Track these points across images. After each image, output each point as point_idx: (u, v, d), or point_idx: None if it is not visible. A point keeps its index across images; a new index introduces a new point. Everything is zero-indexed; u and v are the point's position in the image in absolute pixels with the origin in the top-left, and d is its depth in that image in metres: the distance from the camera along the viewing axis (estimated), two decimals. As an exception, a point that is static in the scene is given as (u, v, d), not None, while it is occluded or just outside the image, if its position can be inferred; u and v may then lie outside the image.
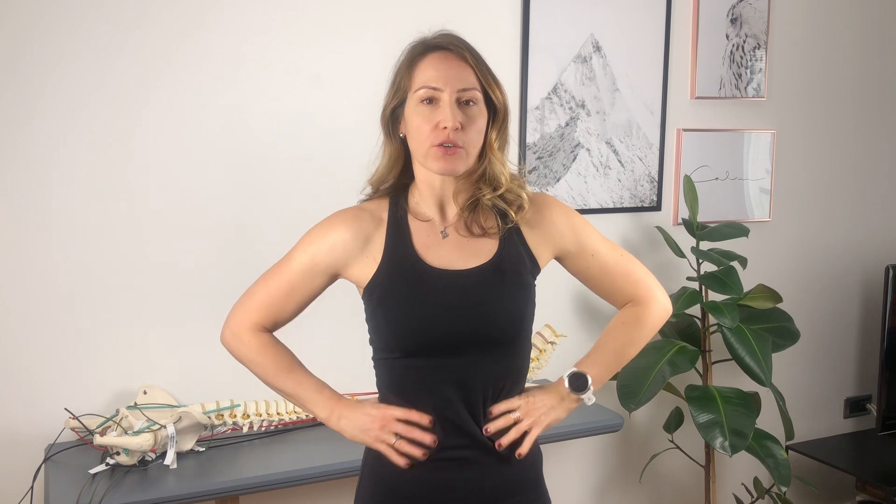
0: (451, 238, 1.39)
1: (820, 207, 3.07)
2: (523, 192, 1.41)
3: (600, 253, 1.46)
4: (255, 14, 2.15)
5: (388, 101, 1.40)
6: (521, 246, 1.41)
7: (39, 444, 2.01)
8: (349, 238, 1.39)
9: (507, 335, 1.37)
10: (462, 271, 1.36)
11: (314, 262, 1.40)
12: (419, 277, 1.36)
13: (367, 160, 1.51)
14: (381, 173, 1.43)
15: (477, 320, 1.33)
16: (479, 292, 1.35)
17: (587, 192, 2.61)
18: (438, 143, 1.31)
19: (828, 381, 3.18)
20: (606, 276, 1.47)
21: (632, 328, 1.49)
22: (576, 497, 2.76)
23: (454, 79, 1.33)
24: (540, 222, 1.42)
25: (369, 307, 1.40)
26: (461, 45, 1.37)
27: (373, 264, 1.38)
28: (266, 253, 2.19)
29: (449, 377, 1.34)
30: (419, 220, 1.40)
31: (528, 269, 1.40)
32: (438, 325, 1.33)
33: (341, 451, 1.98)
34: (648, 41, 2.65)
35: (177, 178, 2.11)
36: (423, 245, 1.38)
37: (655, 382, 2.31)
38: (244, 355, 1.46)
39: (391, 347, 1.37)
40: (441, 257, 1.37)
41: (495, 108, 1.38)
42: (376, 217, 1.41)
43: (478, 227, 1.39)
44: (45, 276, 2.01)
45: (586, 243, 1.45)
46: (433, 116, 1.32)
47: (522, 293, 1.38)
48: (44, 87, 1.97)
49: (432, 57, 1.35)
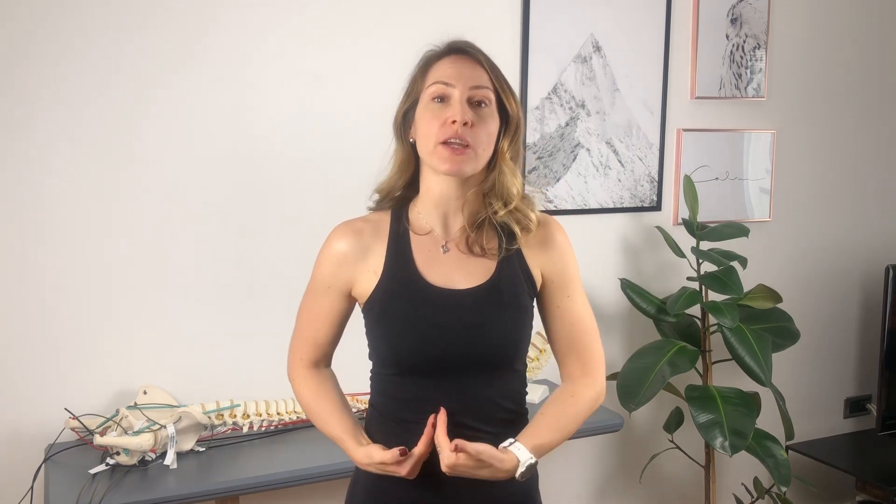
0: (452, 254, 1.38)
1: (820, 207, 3.07)
2: (532, 213, 1.39)
3: (575, 300, 1.43)
4: (256, 15, 2.15)
5: (400, 106, 1.40)
6: (519, 266, 1.39)
7: (39, 444, 2.01)
8: (348, 251, 1.38)
9: (501, 358, 1.36)
10: (461, 291, 1.35)
11: (329, 284, 1.40)
12: (418, 295, 1.35)
13: (367, 160, 1.51)
14: (391, 179, 1.42)
15: (472, 342, 1.33)
16: (477, 313, 1.34)
17: (587, 192, 2.61)
18: (446, 138, 1.29)
19: (828, 381, 3.18)
20: (571, 326, 1.42)
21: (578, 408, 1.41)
22: (576, 497, 2.76)
23: (467, 76, 1.32)
24: (540, 238, 1.41)
25: (368, 322, 1.39)
26: (477, 50, 1.37)
27: (373, 278, 1.37)
28: (266, 253, 2.22)
29: (443, 397, 1.33)
30: (420, 234, 1.39)
31: (526, 290, 1.39)
32: (435, 344, 1.32)
33: (341, 451, 1.97)
34: (648, 41, 2.65)
35: (177, 179, 2.11)
36: (423, 261, 1.37)
37: (655, 382, 2.31)
38: (300, 401, 1.49)
39: (388, 364, 1.37)
40: (441, 274, 1.36)
41: (507, 118, 1.36)
42: (377, 230, 1.40)
43: (479, 248, 1.37)
44: (46, 276, 2.01)
45: (569, 282, 1.42)
46: (443, 113, 1.31)
47: (519, 316, 1.37)
48: (45, 88, 1.97)
49: (447, 58, 1.36)
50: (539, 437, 1.35)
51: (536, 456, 1.33)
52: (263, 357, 2.12)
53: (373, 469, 1.34)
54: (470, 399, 1.34)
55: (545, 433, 1.36)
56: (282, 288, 2.13)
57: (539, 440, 1.34)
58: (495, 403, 1.37)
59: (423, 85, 1.35)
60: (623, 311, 2.71)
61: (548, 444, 1.36)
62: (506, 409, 1.39)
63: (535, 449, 1.33)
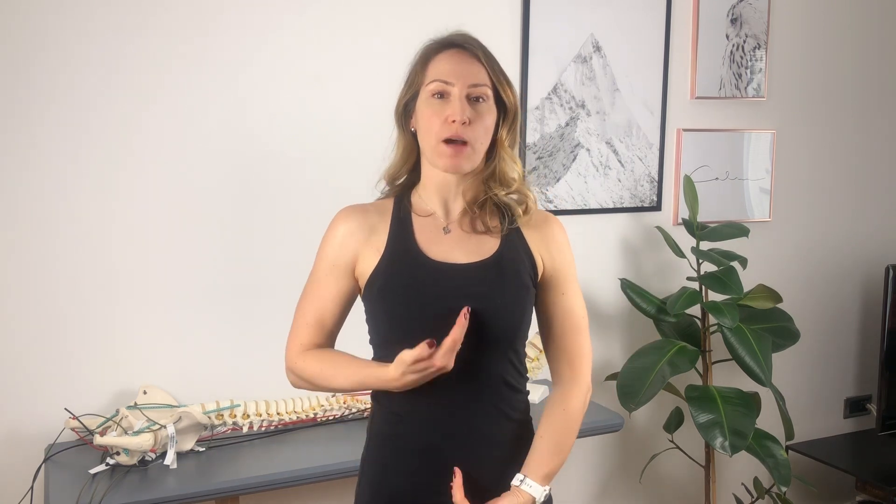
0: (454, 234, 1.41)
1: (820, 207, 3.07)
2: (530, 192, 1.44)
3: (570, 297, 1.45)
4: (256, 15, 2.15)
5: (401, 96, 1.43)
6: (522, 247, 1.42)
7: (39, 444, 2.01)
8: (355, 228, 1.41)
9: (503, 332, 1.37)
10: (463, 265, 1.38)
11: (335, 264, 1.41)
12: (420, 270, 1.37)
13: (367, 160, 1.51)
14: (395, 166, 1.46)
15: (476, 315, 1.33)
16: (479, 287, 1.36)
17: (587, 192, 2.61)
18: (446, 136, 1.33)
19: (828, 381, 3.18)
20: (563, 324, 1.45)
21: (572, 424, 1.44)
22: (576, 497, 2.76)
23: (466, 74, 1.36)
24: (542, 229, 1.45)
25: (369, 301, 1.40)
26: (475, 45, 1.40)
27: (376, 255, 1.39)
28: (267, 253, 2.22)
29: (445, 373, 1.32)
30: (421, 216, 1.43)
31: (528, 269, 1.41)
32: (438, 317, 1.32)
33: (341, 451, 1.98)
34: (648, 41, 2.65)
35: (177, 179, 2.11)
36: (425, 239, 1.40)
37: (655, 382, 2.31)
38: (305, 384, 1.43)
39: (390, 341, 1.37)
40: (442, 251, 1.39)
41: (505, 108, 1.40)
42: (381, 212, 1.44)
43: (482, 225, 1.41)
44: (46, 276, 2.01)
45: (565, 279, 1.45)
46: (443, 110, 1.35)
47: (521, 292, 1.39)
48: (45, 89, 1.97)
49: (446, 53, 1.39)
50: (545, 466, 1.39)
51: (547, 485, 1.38)
52: (263, 357, 2.12)
53: (411, 378, 1.29)
54: (472, 374, 1.35)
55: (549, 459, 1.39)
56: (282, 288, 2.12)
57: (545, 468, 1.38)
58: (498, 379, 1.38)
59: (424, 79, 1.38)
60: (623, 311, 2.71)
61: (554, 470, 1.40)
62: (508, 386, 1.40)
63: (545, 479, 1.38)
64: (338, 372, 1.39)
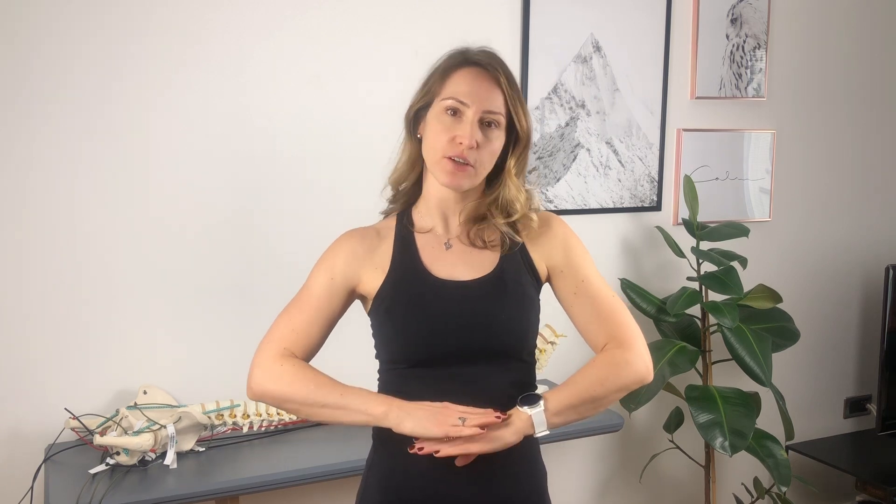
0: (455, 249, 1.42)
1: (820, 207, 3.07)
2: (534, 215, 1.43)
3: (591, 281, 1.43)
4: (256, 15, 2.15)
5: (414, 101, 1.42)
6: (522, 259, 1.42)
7: (39, 444, 2.01)
8: (358, 249, 1.41)
9: (508, 347, 1.37)
10: (466, 282, 1.38)
11: (332, 281, 1.40)
12: (426, 288, 1.38)
13: (367, 160, 1.52)
14: (400, 172, 1.45)
15: (481, 331, 1.35)
16: (483, 303, 1.36)
17: (587, 192, 2.61)
18: (452, 155, 1.33)
19: (828, 381, 3.18)
20: (592, 307, 1.41)
21: (604, 368, 1.37)
22: (576, 497, 2.76)
23: (483, 99, 1.35)
24: (541, 234, 1.44)
25: (376, 319, 1.41)
26: (498, 68, 1.38)
27: (380, 275, 1.39)
28: (267, 253, 2.22)
29: (454, 388, 1.34)
30: (422, 232, 1.43)
31: (530, 281, 1.42)
32: (444, 334, 1.34)
33: (341, 451, 1.98)
34: (648, 41, 2.65)
35: (177, 180, 2.11)
36: (429, 257, 1.40)
37: (655, 382, 2.31)
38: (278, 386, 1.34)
39: (397, 359, 1.38)
40: (446, 268, 1.40)
41: (517, 134, 1.40)
42: (382, 233, 1.44)
43: (480, 241, 1.41)
44: (46, 276, 2.01)
45: (578, 266, 1.43)
46: (453, 129, 1.34)
47: (525, 304, 1.40)
48: (47, 91, 1.97)
49: (468, 71, 1.37)
50: (555, 393, 1.34)
51: (551, 406, 1.31)
52: (263, 357, 2.12)
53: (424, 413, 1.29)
54: (479, 390, 1.35)
55: (561, 388, 1.35)
56: (282, 288, 2.12)
57: (555, 395, 1.33)
58: (504, 393, 1.37)
59: (440, 91, 1.37)
60: (623, 311, 2.71)
61: (565, 401, 1.33)
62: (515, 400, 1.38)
63: (551, 405, 1.32)
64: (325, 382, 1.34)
